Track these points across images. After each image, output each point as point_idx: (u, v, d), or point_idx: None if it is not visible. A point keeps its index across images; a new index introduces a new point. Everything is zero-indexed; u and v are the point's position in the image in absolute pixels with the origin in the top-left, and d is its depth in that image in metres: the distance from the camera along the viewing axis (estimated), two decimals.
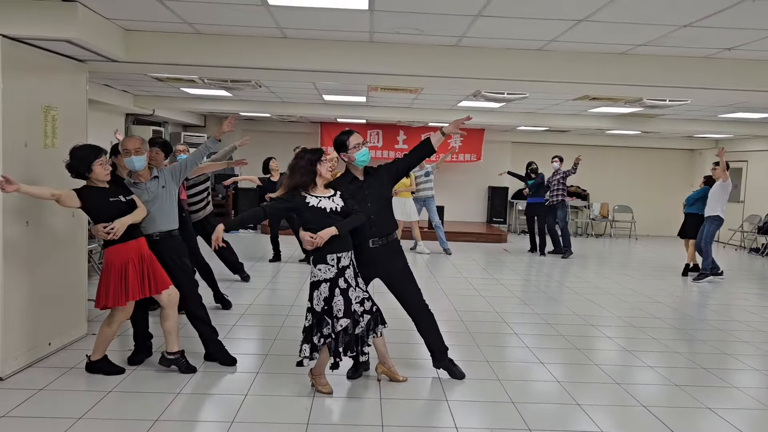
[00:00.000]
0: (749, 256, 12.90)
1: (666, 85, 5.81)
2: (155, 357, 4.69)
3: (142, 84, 8.89)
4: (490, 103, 9.42)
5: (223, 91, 9.30)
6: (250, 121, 14.75)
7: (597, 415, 4.04)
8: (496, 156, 15.44)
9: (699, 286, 8.96)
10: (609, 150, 15.84)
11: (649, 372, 4.99)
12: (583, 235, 15.72)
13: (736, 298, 8.21)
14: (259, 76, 6.26)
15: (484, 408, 4.11)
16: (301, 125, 14.89)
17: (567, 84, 6.03)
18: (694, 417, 4.10)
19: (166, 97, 10.34)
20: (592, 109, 9.95)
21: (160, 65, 5.64)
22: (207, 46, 5.31)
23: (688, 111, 9.68)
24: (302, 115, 12.70)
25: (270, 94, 9.62)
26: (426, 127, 14.70)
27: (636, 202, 15.71)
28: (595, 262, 11.27)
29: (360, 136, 4.31)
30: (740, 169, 14.78)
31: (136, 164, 4.44)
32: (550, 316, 6.71)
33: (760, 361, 5.40)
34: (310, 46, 5.35)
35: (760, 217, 13.56)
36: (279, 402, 4.07)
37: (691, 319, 6.88)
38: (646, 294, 8.15)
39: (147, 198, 4.46)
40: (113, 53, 5.10)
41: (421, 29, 4.92)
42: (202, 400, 4.12)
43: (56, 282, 4.93)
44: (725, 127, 11.76)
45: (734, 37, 4.74)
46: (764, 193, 13.76)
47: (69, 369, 4.53)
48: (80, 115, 5.32)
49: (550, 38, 5.06)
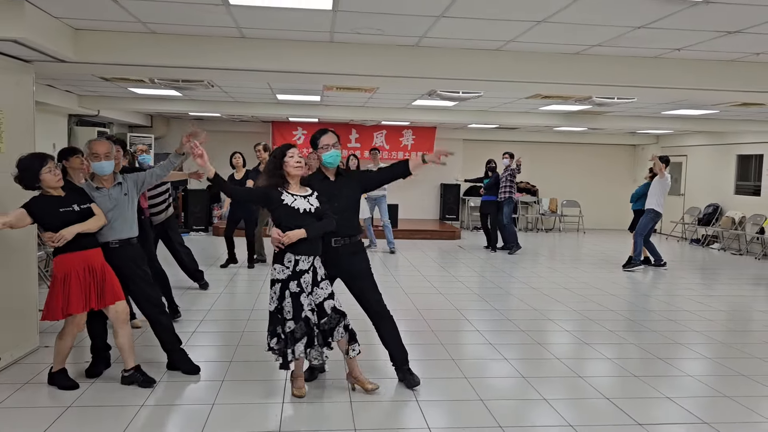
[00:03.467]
0: (690, 247, 13.45)
1: (616, 84, 5.99)
2: (114, 368, 4.54)
3: (87, 84, 8.57)
4: (444, 102, 9.49)
5: (173, 91, 9.06)
6: (199, 122, 14.43)
7: (562, 408, 4.13)
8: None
9: (639, 276, 9.38)
10: (557, 146, 16.23)
11: (606, 363, 5.14)
12: (533, 229, 16.06)
13: (681, 288, 8.53)
14: (215, 76, 6.13)
15: (453, 407, 4.14)
16: (252, 125, 14.67)
17: (522, 83, 6.15)
18: (652, 406, 4.24)
19: (112, 97, 10.00)
20: (542, 107, 10.15)
21: (111, 66, 5.45)
22: (162, 46, 5.16)
23: (634, 108, 10.00)
24: (254, 115, 12.52)
25: (222, 94, 9.43)
26: (378, 125, 14.72)
27: (583, 196, 16.16)
28: (547, 256, 11.53)
29: (334, 136, 4.27)
30: (680, 163, 15.39)
31: (106, 169, 4.27)
32: (509, 311, 6.83)
33: (709, 348, 5.63)
34: (269, 46, 5.26)
35: (700, 210, 14.15)
36: (247, 410, 4.00)
37: (641, 311, 7.12)
38: (597, 286, 8.38)
39: (108, 205, 4.29)
40: (62, 53, 4.90)
41: (383, 29, 4.92)
42: (167, 411, 4.00)
43: (5, 293, 4.71)
44: (666, 124, 12.21)
45: (684, 38, 4.92)
46: (703, 186, 14.37)
47: (23, 384, 4.34)
48: (27, 118, 5.08)
49: (508, 39, 5.13)
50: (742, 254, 12.24)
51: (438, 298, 7.42)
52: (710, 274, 10.06)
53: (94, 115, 10.67)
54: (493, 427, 3.80)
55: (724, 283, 9.23)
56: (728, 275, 9.84)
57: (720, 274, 10.06)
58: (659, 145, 16.09)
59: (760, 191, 12.69)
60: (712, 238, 13.50)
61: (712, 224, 13.50)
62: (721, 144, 13.79)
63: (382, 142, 14.97)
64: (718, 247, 13.05)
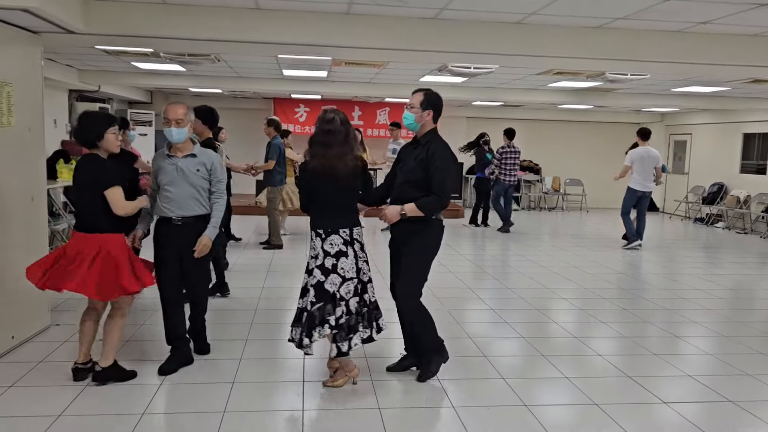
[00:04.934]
0: (694, 226, 13.42)
1: (638, 59, 5.88)
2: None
3: (89, 58, 8.38)
4: (453, 78, 9.34)
5: (177, 66, 8.87)
6: (199, 98, 14.21)
7: (582, 385, 4.08)
8: (451, 131, 15.36)
9: (640, 254, 9.38)
10: (560, 124, 16.10)
11: (621, 341, 5.11)
12: (535, 208, 15.99)
13: (687, 267, 8.56)
14: (226, 49, 5.95)
15: (473, 386, 4.10)
16: (254, 101, 14.47)
17: (541, 58, 6.02)
18: (673, 383, 4.19)
19: (113, 72, 9.80)
20: (551, 84, 10.01)
21: (122, 37, 5.28)
22: (175, 17, 5.00)
23: (644, 85, 9.88)
24: (255, 91, 12.34)
25: (227, 69, 9.25)
26: (382, 102, 14.53)
27: (586, 175, 16.07)
28: (551, 235, 11.50)
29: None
30: (684, 142, 15.30)
31: (174, 136, 4.00)
32: (519, 289, 6.79)
33: (722, 327, 5.57)
34: (285, 18, 5.10)
35: (704, 188, 14.10)
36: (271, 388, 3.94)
37: (649, 288, 7.09)
38: (605, 264, 8.36)
39: (173, 176, 4.02)
40: (72, 24, 4.73)
41: (404, 1, 4.77)
42: (188, 389, 3.94)
43: (15, 271, 4.59)
44: (672, 101, 12.10)
45: (714, 10, 4.79)
46: (707, 165, 14.30)
47: (37, 363, 4.25)
48: (36, 92, 4.93)
49: (531, 11, 4.99)
50: (747, 233, 12.22)
51: (448, 276, 7.35)
52: (715, 253, 10.03)
53: (95, 91, 10.47)
54: (517, 406, 3.76)
55: (730, 261, 9.19)
56: (734, 254, 9.80)
57: (725, 252, 10.03)
58: (663, 123, 15.99)
59: (766, 170, 12.63)
60: (717, 217, 13.47)
61: (717, 203, 13.46)
62: (727, 122, 13.69)
63: (385, 119, 14.79)
64: (722, 226, 13.02)
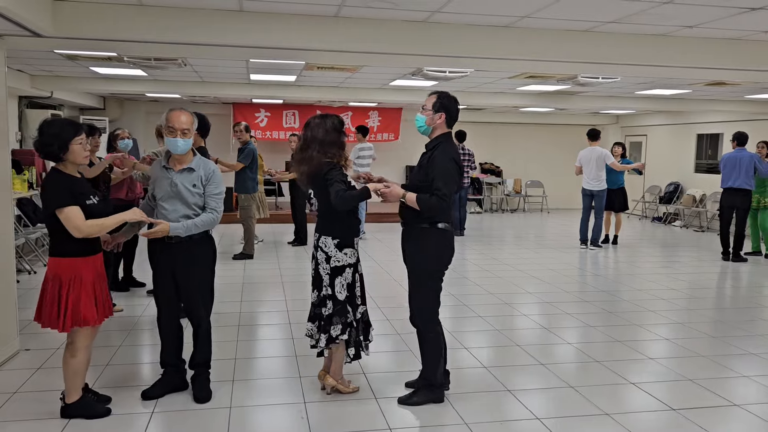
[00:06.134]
0: (652, 225, 13.74)
1: (618, 62, 5.88)
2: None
3: (44, 62, 7.88)
4: (424, 82, 9.24)
5: (139, 71, 8.46)
6: (155, 103, 13.70)
7: (528, 399, 4.00)
8: (412, 135, 15.35)
9: (603, 254, 9.63)
10: (520, 127, 16.27)
11: (569, 348, 5.09)
12: (497, 210, 16.09)
13: (645, 265, 8.74)
14: (207, 53, 5.66)
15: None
16: (213, 106, 14.02)
17: (525, 61, 5.98)
18: (616, 393, 4.14)
19: (67, 77, 9.26)
20: (520, 87, 10.03)
21: (93, 41, 4.94)
22: (152, 19, 4.68)
23: (610, 88, 10.01)
24: (216, 96, 11.94)
25: (192, 74, 8.87)
26: (345, 107, 14.34)
27: (546, 177, 16.28)
28: (515, 237, 11.55)
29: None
30: (640, 143, 15.68)
31: (180, 147, 3.67)
32: (466, 296, 6.61)
33: (669, 329, 5.64)
34: (271, 21, 4.86)
35: (660, 188, 14.46)
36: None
37: (607, 291, 7.14)
38: (567, 264, 8.42)
39: (166, 191, 3.71)
40: (40, 26, 4.37)
41: (396, 3, 4.61)
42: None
43: None
44: (630, 104, 12.34)
45: (705, 14, 4.81)
46: (663, 165, 14.68)
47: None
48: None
49: (524, 14, 4.91)
50: (704, 231, 12.57)
51: None
52: (672, 251, 10.25)
53: (47, 97, 9.90)
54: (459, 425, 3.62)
55: (688, 260, 9.40)
56: (691, 252, 10.06)
57: (683, 251, 10.27)
58: (619, 125, 16.35)
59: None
60: (674, 216, 13.83)
61: (674, 202, 13.82)
62: (681, 123, 14.09)
63: (348, 123, 14.59)
64: (680, 225, 13.37)
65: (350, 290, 3.75)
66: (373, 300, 6.22)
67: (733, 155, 8.81)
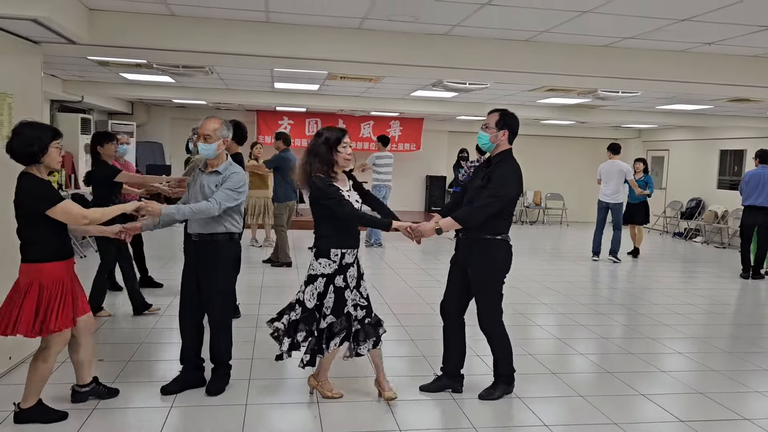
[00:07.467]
0: (673, 240, 13.66)
1: (639, 77, 5.94)
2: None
3: (76, 68, 8.15)
4: (444, 93, 9.35)
5: (167, 78, 8.69)
6: (181, 109, 14.00)
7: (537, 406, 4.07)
8: (433, 145, 15.50)
9: (620, 267, 9.67)
10: (541, 140, 16.24)
11: (582, 359, 5.12)
12: (516, 222, 16.09)
13: (663, 280, 8.75)
14: (227, 62, 5.84)
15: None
16: (237, 113, 14.26)
17: (545, 75, 6.05)
18: (627, 404, 4.17)
19: (99, 82, 9.55)
20: (540, 100, 10.10)
21: (126, 49, 5.14)
22: (184, 29, 4.86)
23: (630, 102, 10.04)
24: (240, 103, 12.19)
25: (218, 81, 9.10)
26: (366, 116, 14.50)
27: (566, 190, 16.26)
28: (531, 247, 11.56)
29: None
30: (662, 157, 15.60)
31: (202, 150, 3.87)
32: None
33: (683, 343, 5.65)
34: (297, 32, 5.02)
35: (682, 204, 14.37)
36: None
37: (619, 303, 7.15)
38: (583, 275, 8.42)
39: (192, 191, 3.95)
40: (77, 34, 4.56)
41: (417, 17, 4.74)
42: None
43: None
44: (652, 118, 12.33)
45: (723, 31, 4.85)
46: (684, 181, 14.59)
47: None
48: (36, 104, 4.76)
49: (544, 29, 5.01)
50: (725, 247, 12.47)
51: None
52: (692, 267, 10.22)
53: (78, 101, 10.21)
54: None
55: (707, 276, 9.37)
56: (711, 268, 10.01)
57: (703, 266, 10.23)
58: (641, 139, 16.29)
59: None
60: (695, 232, 13.73)
61: (695, 218, 13.72)
62: (704, 139, 14.01)
63: (369, 132, 14.76)
64: (701, 241, 13.27)
65: (320, 299, 3.78)
66: (388, 306, 6.36)
67: (757, 172, 8.78)
